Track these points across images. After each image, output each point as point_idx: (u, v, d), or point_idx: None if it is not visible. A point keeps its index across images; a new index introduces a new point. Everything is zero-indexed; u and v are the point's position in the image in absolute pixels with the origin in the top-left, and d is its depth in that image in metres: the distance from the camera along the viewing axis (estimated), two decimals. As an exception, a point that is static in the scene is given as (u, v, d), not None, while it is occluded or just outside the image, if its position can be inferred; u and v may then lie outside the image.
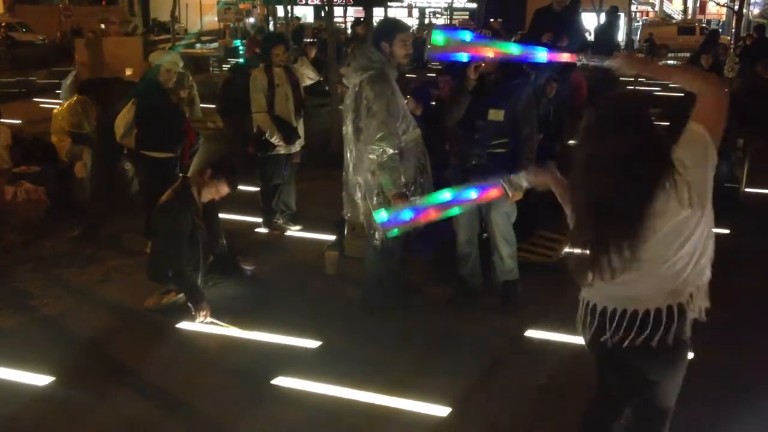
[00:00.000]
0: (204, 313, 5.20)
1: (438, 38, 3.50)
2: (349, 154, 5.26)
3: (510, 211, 5.42)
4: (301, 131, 7.23)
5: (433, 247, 6.23)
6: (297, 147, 7.23)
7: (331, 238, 6.81)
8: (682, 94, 7.79)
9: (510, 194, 3.68)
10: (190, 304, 5.23)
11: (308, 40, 25.17)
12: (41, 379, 4.55)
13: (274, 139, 6.96)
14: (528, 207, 5.65)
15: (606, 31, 15.92)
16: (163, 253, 5.32)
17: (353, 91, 5.11)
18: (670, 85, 15.02)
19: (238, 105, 8.87)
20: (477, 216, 5.51)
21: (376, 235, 5.26)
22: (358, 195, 5.28)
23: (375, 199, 5.16)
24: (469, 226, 5.50)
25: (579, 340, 4.98)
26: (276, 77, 6.98)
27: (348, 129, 5.19)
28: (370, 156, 5.03)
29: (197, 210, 5.36)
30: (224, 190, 5.47)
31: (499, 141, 5.22)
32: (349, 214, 5.47)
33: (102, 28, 7.36)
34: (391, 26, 5.18)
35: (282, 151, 7.09)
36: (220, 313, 5.31)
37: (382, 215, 4.14)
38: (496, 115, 5.15)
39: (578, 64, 3.41)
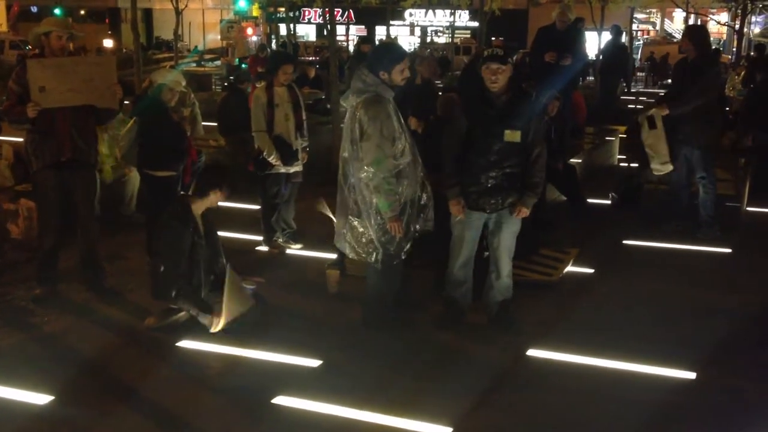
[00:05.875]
0: (216, 321, 5.18)
1: None
2: (343, 175, 5.28)
3: (517, 230, 5.43)
4: (303, 151, 7.24)
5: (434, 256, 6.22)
6: (298, 167, 7.24)
7: (333, 256, 6.80)
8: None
9: None
10: (200, 319, 5.21)
11: (310, 58, 25.31)
12: (41, 398, 4.53)
13: (272, 159, 6.98)
14: (528, 225, 5.66)
15: (615, 50, 15.95)
16: (164, 272, 5.31)
17: (350, 113, 5.16)
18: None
19: (236, 124, 8.93)
20: (479, 236, 5.50)
21: (374, 256, 5.25)
22: (350, 209, 5.29)
23: (373, 219, 5.17)
24: (470, 248, 5.48)
25: (582, 359, 5.01)
26: (276, 96, 7.00)
27: (345, 149, 5.22)
28: (366, 179, 5.05)
29: (196, 227, 5.36)
30: (219, 198, 5.45)
31: (514, 161, 5.22)
32: (341, 242, 5.45)
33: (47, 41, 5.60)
34: (389, 57, 5.17)
35: (281, 170, 7.10)
36: (220, 332, 5.29)
37: None
38: (512, 136, 5.12)
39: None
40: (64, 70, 5.69)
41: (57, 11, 34.33)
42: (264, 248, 7.37)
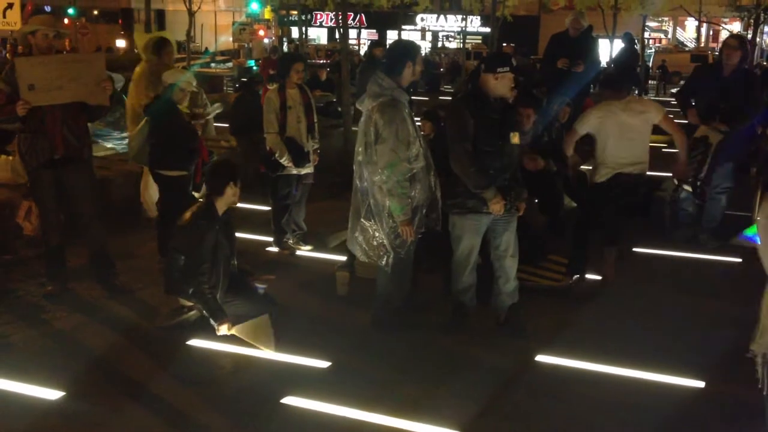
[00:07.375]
0: (226, 327, 5.18)
1: None
2: (358, 179, 5.30)
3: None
4: (314, 153, 7.27)
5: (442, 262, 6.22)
6: (309, 169, 7.27)
7: (342, 258, 6.83)
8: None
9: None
10: (211, 320, 5.22)
11: (321, 61, 25.36)
12: (52, 393, 4.57)
13: (284, 160, 7.00)
14: (536, 232, 5.67)
15: (627, 58, 15.95)
16: (185, 270, 5.30)
17: (366, 116, 5.19)
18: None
19: (250, 124, 8.96)
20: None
21: (385, 259, 5.27)
22: (363, 212, 5.30)
23: (385, 223, 5.19)
24: (477, 253, 5.49)
25: (590, 366, 5.01)
26: (289, 98, 7.03)
27: (360, 153, 5.25)
28: (379, 182, 5.08)
29: (221, 227, 5.36)
30: (233, 193, 5.44)
31: (516, 161, 5.35)
32: (353, 244, 5.46)
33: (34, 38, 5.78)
34: (413, 47, 5.36)
35: (293, 171, 7.13)
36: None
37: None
38: (515, 138, 5.24)
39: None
40: (53, 67, 5.70)
41: (71, 11, 34.51)
42: (274, 249, 7.39)
